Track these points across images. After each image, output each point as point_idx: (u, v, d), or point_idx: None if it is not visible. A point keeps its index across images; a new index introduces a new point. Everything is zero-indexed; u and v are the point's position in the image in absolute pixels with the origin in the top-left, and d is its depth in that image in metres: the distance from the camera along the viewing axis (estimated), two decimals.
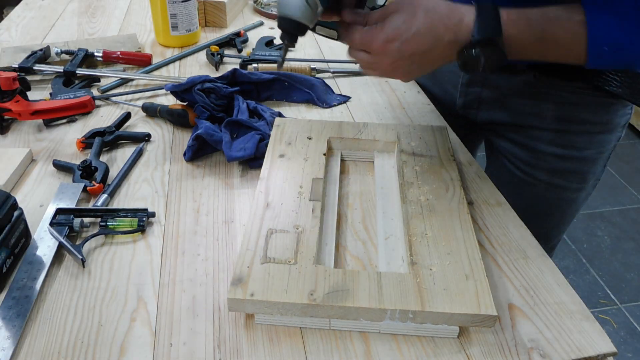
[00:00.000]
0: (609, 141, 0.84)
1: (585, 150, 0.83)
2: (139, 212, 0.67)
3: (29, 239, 0.64)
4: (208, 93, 0.84)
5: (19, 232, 0.62)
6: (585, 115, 0.80)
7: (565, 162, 0.85)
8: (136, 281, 0.59)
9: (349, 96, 0.97)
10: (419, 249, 0.58)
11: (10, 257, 0.60)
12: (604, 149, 0.85)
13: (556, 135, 0.83)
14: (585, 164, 0.85)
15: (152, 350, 0.52)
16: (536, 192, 0.86)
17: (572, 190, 0.88)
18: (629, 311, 1.83)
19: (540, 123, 0.83)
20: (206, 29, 1.25)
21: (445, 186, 0.68)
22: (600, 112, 0.80)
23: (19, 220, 0.61)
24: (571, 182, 0.87)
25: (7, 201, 0.60)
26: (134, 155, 0.78)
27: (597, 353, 0.53)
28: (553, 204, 0.90)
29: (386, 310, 0.51)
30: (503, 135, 0.90)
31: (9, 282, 0.59)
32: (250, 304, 0.52)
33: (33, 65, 0.98)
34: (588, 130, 0.82)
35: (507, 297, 0.58)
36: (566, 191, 0.88)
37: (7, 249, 0.59)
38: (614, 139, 0.85)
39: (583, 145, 0.83)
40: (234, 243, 0.65)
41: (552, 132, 0.83)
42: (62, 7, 1.34)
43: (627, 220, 2.22)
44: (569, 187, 0.88)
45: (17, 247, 0.61)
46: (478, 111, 0.90)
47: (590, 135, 0.82)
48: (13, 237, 0.60)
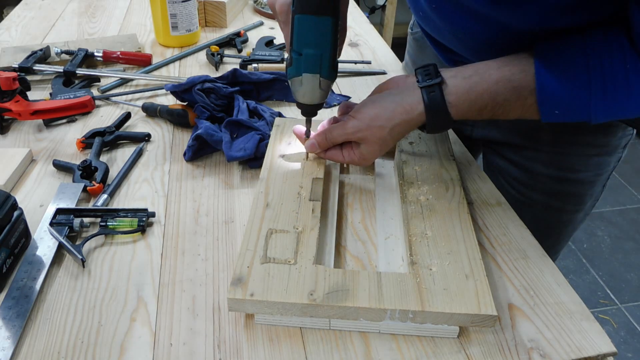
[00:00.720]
0: (608, 163, 0.82)
1: (582, 172, 0.81)
2: (139, 212, 0.67)
3: (29, 239, 0.64)
4: (208, 93, 0.84)
5: (19, 232, 0.62)
6: (582, 138, 0.78)
7: (562, 184, 0.83)
8: (136, 281, 0.59)
9: (349, 96, 0.97)
10: (419, 249, 0.58)
11: (10, 257, 0.60)
12: (603, 171, 0.82)
13: (552, 157, 0.81)
14: (583, 186, 0.83)
15: (152, 350, 0.52)
16: (533, 213, 0.83)
17: (569, 212, 0.86)
18: (629, 311, 1.83)
19: (536, 144, 0.81)
20: (206, 29, 1.25)
21: (445, 186, 0.68)
22: (599, 135, 0.78)
23: (19, 220, 0.61)
24: (568, 204, 0.85)
25: (7, 201, 0.60)
26: (133, 155, 0.78)
27: (597, 353, 0.52)
28: (550, 225, 0.88)
29: (386, 310, 0.51)
30: (499, 153, 0.88)
31: (8, 282, 0.59)
32: (250, 304, 0.52)
33: (33, 65, 0.98)
34: (586, 152, 0.80)
35: (507, 297, 0.58)
36: (563, 213, 0.87)
37: (7, 248, 0.59)
38: (613, 160, 0.82)
39: (581, 167, 0.81)
40: (234, 243, 0.65)
41: (548, 153, 0.81)
42: (62, 7, 1.34)
43: (627, 220, 2.22)
44: (565, 209, 0.86)
45: (17, 247, 0.61)
46: (473, 128, 0.89)
47: (589, 157, 0.80)
48: (13, 237, 0.60)
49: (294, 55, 0.61)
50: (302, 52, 0.60)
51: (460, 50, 0.76)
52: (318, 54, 0.60)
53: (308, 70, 0.61)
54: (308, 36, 0.59)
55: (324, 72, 0.61)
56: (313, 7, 0.57)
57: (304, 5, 0.58)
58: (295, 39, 0.60)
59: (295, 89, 0.64)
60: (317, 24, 0.58)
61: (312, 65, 0.61)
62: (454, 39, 0.74)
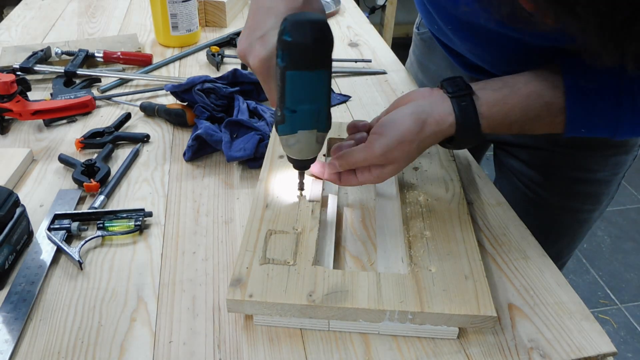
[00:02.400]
0: (625, 162, 0.80)
1: (599, 172, 0.80)
2: (136, 213, 0.66)
3: (32, 236, 0.64)
4: (208, 93, 0.84)
5: (22, 229, 0.62)
6: (600, 138, 0.76)
7: (578, 185, 0.81)
8: (136, 281, 0.59)
9: (349, 95, 0.97)
10: (419, 250, 0.58)
11: (13, 253, 0.60)
12: (620, 170, 0.81)
13: (569, 158, 0.79)
14: (599, 186, 0.82)
15: (152, 350, 0.52)
16: (549, 213, 0.83)
17: (585, 211, 0.85)
18: (629, 311, 1.83)
19: (551, 145, 0.80)
20: (206, 28, 1.25)
21: (445, 186, 0.68)
22: None
23: (21, 217, 0.62)
24: (585, 204, 0.84)
25: (9, 198, 0.60)
26: (130, 156, 0.78)
27: (597, 353, 0.52)
28: (566, 225, 0.87)
29: (385, 311, 0.51)
30: (511, 153, 0.87)
31: (11, 278, 0.59)
32: (249, 305, 0.52)
33: (34, 65, 0.98)
34: (603, 152, 0.78)
35: (507, 297, 0.58)
36: (580, 213, 0.85)
37: (9, 245, 0.59)
38: (629, 159, 0.81)
39: (598, 167, 0.79)
40: (234, 243, 0.65)
41: (563, 154, 0.80)
42: (62, 7, 1.34)
43: (627, 220, 2.22)
44: (582, 209, 0.85)
45: (20, 244, 0.62)
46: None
47: (606, 157, 0.79)
48: (15, 233, 0.61)
49: (286, 112, 0.54)
50: (296, 109, 0.54)
51: (477, 61, 0.75)
52: (314, 109, 0.54)
53: (304, 127, 0.55)
54: (303, 93, 0.53)
55: (321, 126, 0.56)
56: (307, 63, 0.51)
57: (297, 61, 0.51)
58: (288, 97, 0.53)
59: (289, 145, 0.57)
60: (312, 79, 0.52)
61: (309, 122, 0.55)
62: (471, 54, 0.74)
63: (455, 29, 0.69)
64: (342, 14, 1.35)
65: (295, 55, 0.50)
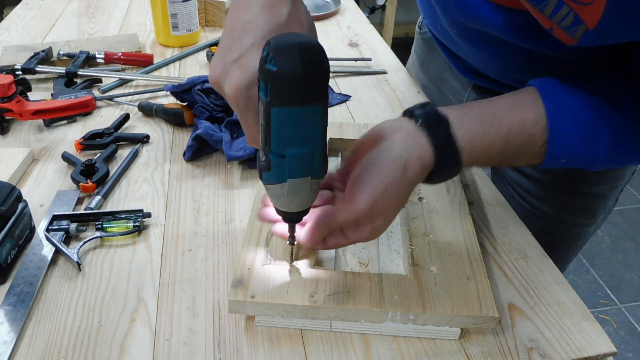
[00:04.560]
0: (622, 176, 0.78)
1: (596, 185, 0.78)
2: (134, 214, 0.66)
3: (34, 231, 0.64)
4: (208, 93, 0.84)
5: (24, 224, 0.62)
6: None
7: (574, 197, 0.79)
8: (136, 281, 0.59)
9: (349, 95, 0.97)
10: (420, 250, 0.58)
11: (15, 248, 0.60)
12: (617, 184, 0.79)
13: (565, 170, 0.77)
14: (596, 200, 0.80)
15: (152, 350, 0.52)
16: (543, 225, 0.80)
17: (580, 225, 0.84)
18: (629, 311, 1.83)
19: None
20: (206, 28, 1.25)
21: (445, 186, 0.68)
22: None
23: (23, 213, 0.62)
24: (580, 218, 0.82)
25: (12, 193, 0.60)
26: (129, 156, 0.78)
27: (597, 353, 0.53)
28: (560, 238, 0.85)
29: (387, 312, 0.51)
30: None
31: (13, 273, 0.59)
32: (250, 305, 0.52)
33: (35, 66, 0.98)
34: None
35: (507, 297, 0.58)
36: (575, 227, 0.84)
37: (12, 240, 0.60)
38: (627, 173, 0.79)
39: (595, 180, 0.77)
40: (234, 243, 0.65)
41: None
42: (62, 7, 1.34)
43: (627, 220, 2.22)
44: (577, 223, 0.83)
45: (22, 239, 0.62)
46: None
47: (604, 171, 0.76)
48: (18, 228, 0.61)
49: (272, 157, 0.44)
50: (285, 153, 0.44)
51: (480, 67, 0.74)
52: (307, 152, 0.44)
53: (295, 175, 0.45)
54: (292, 133, 0.43)
55: (315, 172, 0.46)
56: (297, 98, 0.41)
57: (285, 96, 0.41)
58: (274, 139, 0.43)
59: (276, 196, 0.48)
60: (303, 117, 0.42)
61: (301, 168, 0.45)
62: (475, 58, 0.73)
63: (462, 33, 0.68)
64: (342, 14, 1.35)
65: (283, 89, 0.40)
